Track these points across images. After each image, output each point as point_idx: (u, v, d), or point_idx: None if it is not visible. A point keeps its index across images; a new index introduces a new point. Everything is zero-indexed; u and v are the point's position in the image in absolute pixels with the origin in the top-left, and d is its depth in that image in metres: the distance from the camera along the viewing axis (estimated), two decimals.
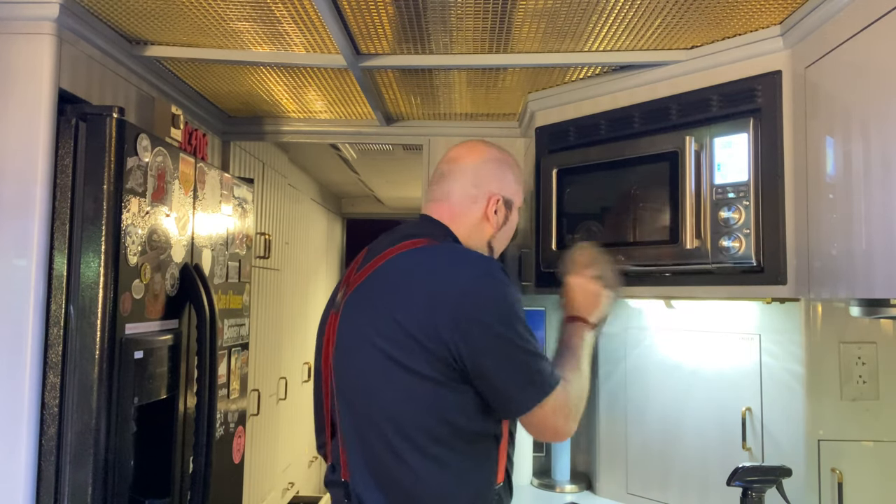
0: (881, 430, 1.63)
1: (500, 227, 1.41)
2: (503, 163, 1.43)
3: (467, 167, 1.41)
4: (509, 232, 1.45)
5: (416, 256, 1.28)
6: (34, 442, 1.48)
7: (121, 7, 1.64)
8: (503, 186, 1.41)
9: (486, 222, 1.39)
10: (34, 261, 1.50)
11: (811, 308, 1.68)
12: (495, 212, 1.39)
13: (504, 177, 1.42)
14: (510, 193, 1.42)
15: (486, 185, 1.40)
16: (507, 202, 1.41)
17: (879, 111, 1.25)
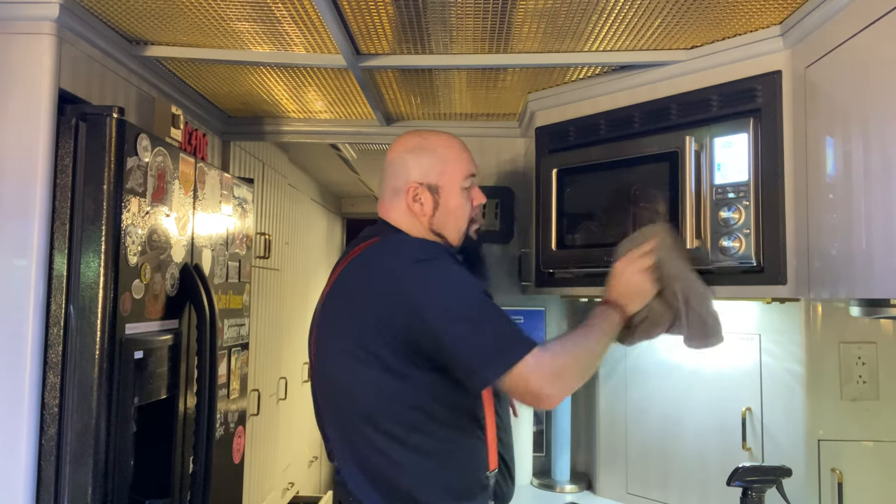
0: (881, 430, 1.63)
1: (431, 213, 1.40)
2: (420, 149, 1.42)
3: (390, 162, 1.44)
4: (456, 215, 1.42)
5: (362, 257, 1.33)
6: (34, 442, 1.48)
7: (121, 7, 1.64)
8: (423, 173, 1.39)
9: (412, 212, 1.40)
10: (34, 261, 1.50)
11: (811, 308, 1.68)
12: (415, 199, 1.38)
13: (421, 163, 1.40)
14: (433, 177, 1.39)
15: (403, 174, 1.40)
16: (430, 187, 1.39)
17: (879, 111, 1.25)
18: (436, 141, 1.43)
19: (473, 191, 1.45)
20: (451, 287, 1.23)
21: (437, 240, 1.40)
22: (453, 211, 1.41)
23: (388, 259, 1.28)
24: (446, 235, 1.42)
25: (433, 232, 1.41)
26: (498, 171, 2.63)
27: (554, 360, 1.19)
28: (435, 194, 1.39)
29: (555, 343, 1.23)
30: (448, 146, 1.43)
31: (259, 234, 3.00)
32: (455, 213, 1.42)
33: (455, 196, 1.41)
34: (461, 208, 1.42)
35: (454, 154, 1.43)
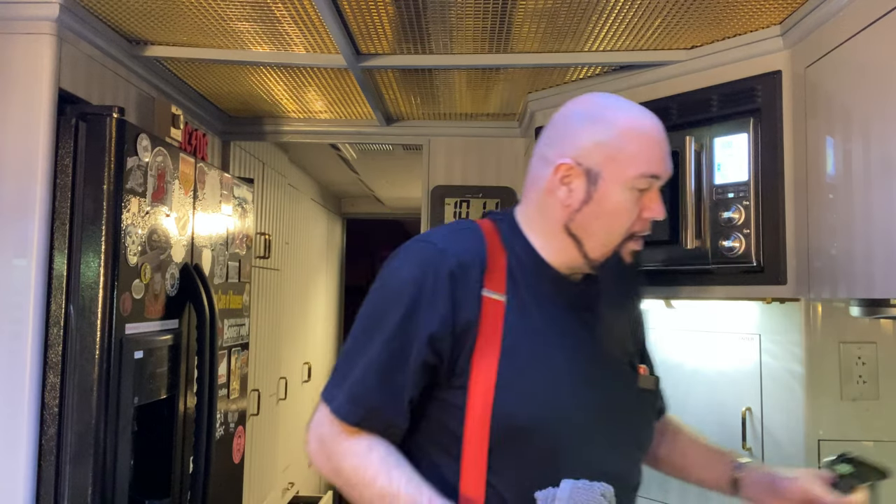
0: (881, 430, 1.63)
1: (577, 207, 1.02)
2: (596, 117, 1.03)
3: (552, 121, 1.09)
4: (611, 219, 1.03)
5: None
6: (34, 442, 1.48)
7: (121, 7, 1.64)
8: (585, 150, 1.02)
9: (553, 196, 1.04)
10: (34, 261, 1.50)
11: (811, 308, 1.68)
12: (563, 181, 1.02)
13: (589, 135, 1.02)
14: (596, 160, 1.01)
15: (559, 143, 1.05)
16: (588, 172, 1.01)
17: (879, 111, 1.25)
18: (622, 115, 1.03)
19: (648, 198, 1.04)
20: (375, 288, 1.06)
21: (568, 243, 1.05)
22: (609, 213, 1.03)
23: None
24: (585, 242, 1.04)
25: (568, 231, 1.04)
26: (498, 171, 2.63)
27: (326, 433, 1.02)
28: (591, 184, 1.01)
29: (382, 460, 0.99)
30: (635, 127, 1.03)
31: (259, 234, 3.00)
32: (611, 216, 1.03)
33: (617, 193, 1.01)
34: (622, 213, 1.03)
35: (639, 139, 1.02)
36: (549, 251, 1.07)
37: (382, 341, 0.99)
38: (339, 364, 1.05)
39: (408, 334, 0.99)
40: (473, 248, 1.04)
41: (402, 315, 0.99)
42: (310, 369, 4.17)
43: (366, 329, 1.03)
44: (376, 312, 1.02)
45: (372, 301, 1.05)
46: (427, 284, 0.99)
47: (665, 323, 2.04)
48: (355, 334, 1.04)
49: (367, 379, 1.00)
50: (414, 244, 1.06)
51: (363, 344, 1.02)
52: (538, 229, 1.07)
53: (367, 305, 1.05)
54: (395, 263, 1.05)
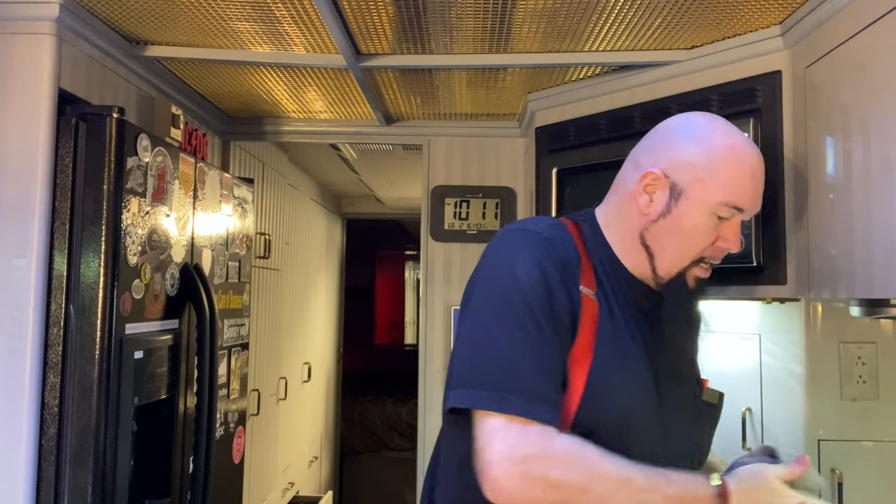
0: (881, 430, 1.63)
1: (654, 217, 1.04)
2: (695, 137, 1.05)
3: (653, 131, 1.11)
4: (685, 238, 1.04)
5: None
6: (34, 442, 1.48)
7: (121, 7, 1.64)
8: (675, 165, 1.03)
9: (632, 203, 1.06)
10: (34, 261, 1.50)
11: (811, 308, 1.68)
12: (646, 189, 1.04)
13: (682, 152, 1.03)
14: (683, 177, 1.02)
15: (652, 154, 1.06)
16: (672, 186, 1.03)
17: (879, 111, 1.25)
18: (723, 140, 1.04)
19: (727, 227, 1.05)
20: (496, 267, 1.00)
21: (640, 252, 1.07)
22: (683, 231, 1.04)
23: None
24: (656, 256, 1.06)
25: (642, 241, 1.06)
26: (498, 171, 2.63)
27: (543, 450, 0.90)
28: (673, 198, 1.03)
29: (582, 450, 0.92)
30: (732, 155, 1.04)
31: (259, 234, 3.00)
32: (685, 235, 1.04)
33: (697, 215, 1.03)
34: (697, 235, 1.04)
35: (733, 169, 1.03)
36: (624, 255, 1.08)
37: (534, 334, 0.94)
38: (487, 369, 0.94)
39: (552, 320, 0.96)
40: (570, 243, 1.04)
41: (543, 301, 0.96)
42: (310, 369, 4.17)
43: (507, 325, 0.95)
44: (511, 304, 0.95)
45: (499, 294, 0.97)
46: (549, 271, 0.97)
47: None
48: (492, 333, 0.95)
49: (539, 376, 0.93)
50: (517, 233, 1.03)
51: (511, 341, 0.94)
52: (616, 231, 1.09)
53: (493, 300, 0.98)
54: (506, 252, 1.01)
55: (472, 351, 0.97)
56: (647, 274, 1.08)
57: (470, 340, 0.98)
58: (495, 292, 0.98)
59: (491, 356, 0.95)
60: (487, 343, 0.96)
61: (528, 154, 2.42)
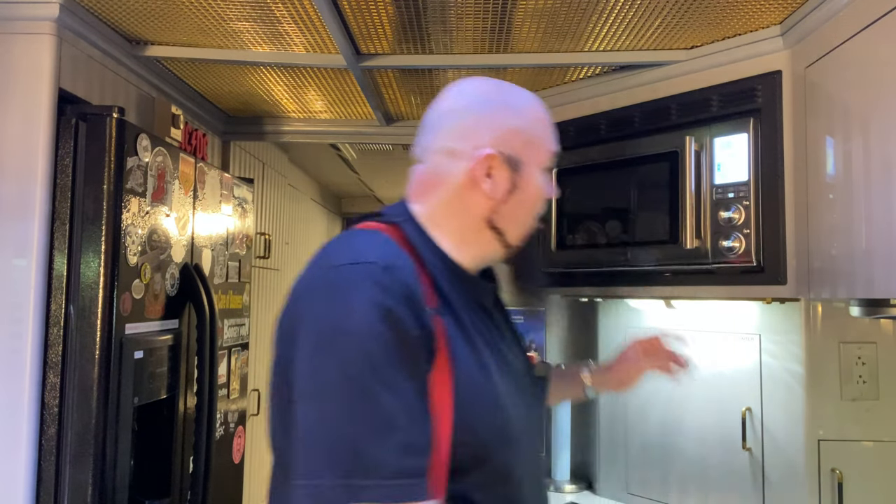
0: (881, 430, 1.63)
1: (502, 196, 0.97)
2: (501, 103, 0.99)
3: (450, 111, 1.00)
4: (531, 207, 1.01)
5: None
6: (34, 442, 1.48)
7: (121, 7, 1.64)
8: (503, 138, 0.97)
9: (474, 190, 0.97)
10: (34, 261, 1.50)
11: (811, 308, 1.68)
12: (488, 175, 0.96)
13: (503, 122, 0.98)
14: (516, 147, 0.97)
15: (468, 138, 0.97)
16: (510, 160, 0.97)
17: (879, 111, 1.25)
18: (523, 99, 1.01)
19: (548, 179, 1.04)
20: (337, 329, 0.81)
21: (488, 237, 1.00)
22: (532, 198, 1.00)
23: (310, 263, 0.93)
24: (508, 234, 1.00)
25: (490, 225, 0.99)
26: None
27: None
28: (515, 172, 0.97)
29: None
30: (537, 108, 1.02)
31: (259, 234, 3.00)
32: (532, 204, 1.01)
33: (537, 177, 1.00)
34: (541, 195, 1.02)
35: (543, 120, 1.01)
36: (461, 251, 0.99)
37: (388, 401, 0.79)
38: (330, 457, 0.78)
39: (409, 372, 0.82)
40: (407, 260, 0.91)
41: (392, 353, 0.81)
42: None
43: (348, 399, 0.79)
44: (351, 369, 0.79)
45: (334, 360, 0.81)
46: (396, 312, 0.82)
47: (665, 323, 2.04)
48: (331, 412, 0.79)
49: (412, 444, 0.79)
50: (346, 269, 0.86)
51: (358, 418, 0.78)
52: (452, 229, 0.99)
53: (327, 368, 0.81)
54: (334, 300, 0.84)
55: (312, 438, 0.80)
56: (498, 255, 1.02)
57: (306, 426, 0.81)
58: (328, 359, 0.81)
59: (335, 440, 0.78)
60: (327, 426, 0.79)
61: None
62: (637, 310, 2.11)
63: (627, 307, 2.12)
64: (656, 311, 2.07)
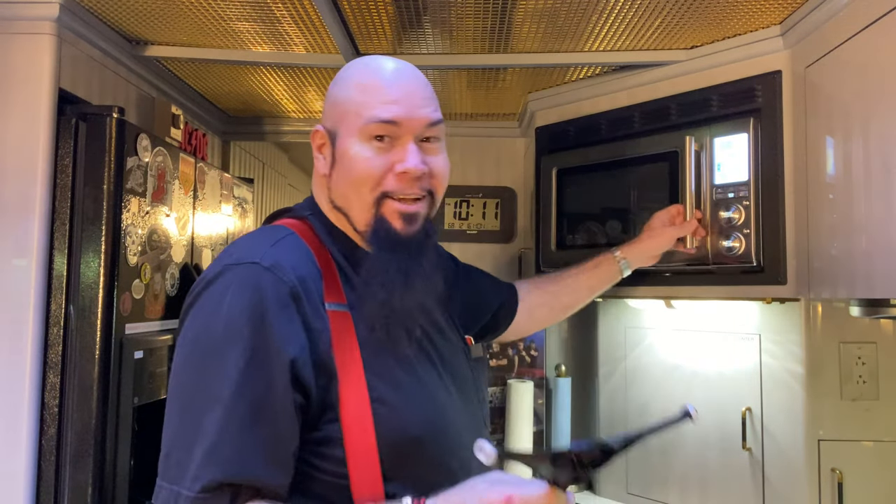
0: (881, 430, 1.63)
1: (328, 171, 0.97)
2: (338, 79, 1.01)
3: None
4: (348, 175, 0.95)
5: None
6: (34, 442, 1.48)
7: (121, 7, 1.64)
8: (328, 111, 0.99)
9: (317, 173, 1.00)
10: (34, 261, 1.50)
11: (811, 308, 1.68)
12: (318, 151, 0.99)
13: (330, 97, 1.00)
14: (336, 118, 0.97)
15: (323, 116, 1.02)
16: (330, 133, 0.97)
17: (879, 111, 1.25)
18: (355, 70, 0.99)
19: (397, 150, 0.95)
20: (198, 328, 0.84)
21: (340, 218, 0.98)
22: (349, 170, 0.94)
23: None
24: (349, 212, 0.97)
25: (334, 205, 0.98)
26: (498, 171, 2.63)
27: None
28: (332, 145, 0.96)
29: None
30: (363, 76, 0.97)
31: None
32: (351, 173, 0.94)
33: (354, 146, 0.94)
34: (360, 167, 0.93)
35: (366, 87, 0.96)
36: (350, 235, 0.97)
37: (231, 393, 0.79)
38: (173, 448, 0.83)
39: (264, 375, 0.80)
40: (303, 259, 0.90)
41: (249, 354, 0.80)
42: None
43: (201, 388, 0.80)
44: (209, 362, 0.81)
45: (196, 351, 0.82)
46: (270, 311, 0.81)
47: (665, 323, 2.04)
48: (186, 404, 0.82)
49: (225, 439, 0.78)
50: (231, 269, 0.85)
51: (203, 407, 0.80)
52: (329, 214, 0.98)
53: (188, 361, 0.83)
54: (215, 296, 0.83)
55: (172, 437, 0.85)
56: (357, 238, 0.98)
57: (171, 423, 0.84)
58: (193, 355, 0.83)
59: (184, 436, 0.82)
60: (182, 425, 0.82)
61: (528, 154, 2.42)
62: (637, 310, 2.11)
63: (627, 307, 2.12)
64: (656, 311, 2.07)
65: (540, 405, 2.42)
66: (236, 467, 0.79)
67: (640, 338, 2.10)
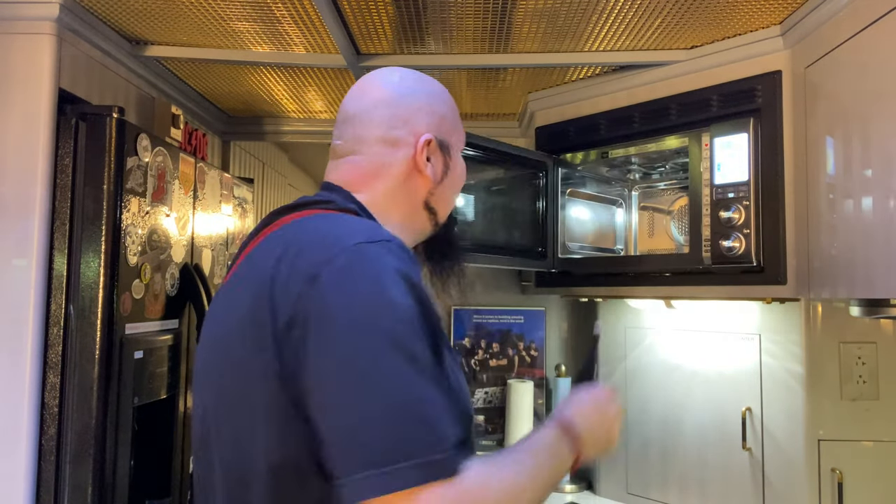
0: (881, 430, 1.63)
1: (439, 179, 1.03)
2: (428, 91, 1.05)
3: (380, 102, 1.02)
4: (457, 186, 1.09)
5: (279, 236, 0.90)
6: (34, 442, 1.48)
7: (121, 7, 1.64)
8: (435, 123, 1.03)
9: (418, 175, 1.01)
10: (34, 261, 1.50)
11: (811, 308, 1.68)
12: (428, 158, 1.01)
13: (433, 109, 1.04)
14: (445, 132, 1.05)
15: (411, 122, 1.01)
16: (442, 144, 1.03)
17: (879, 111, 1.25)
18: (441, 88, 1.08)
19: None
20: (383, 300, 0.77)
21: (424, 218, 1.05)
22: (458, 178, 1.09)
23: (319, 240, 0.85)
24: (439, 213, 1.07)
25: (427, 206, 1.04)
26: None
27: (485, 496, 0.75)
28: (446, 154, 1.05)
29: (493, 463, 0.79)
30: (445, 93, 1.09)
31: None
32: (458, 182, 1.10)
33: (460, 159, 1.09)
34: (462, 179, 1.11)
35: (453, 105, 1.10)
36: (402, 235, 0.96)
37: (428, 357, 0.77)
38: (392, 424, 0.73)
39: (436, 337, 0.80)
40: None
41: (423, 320, 0.79)
42: None
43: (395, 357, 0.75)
44: (397, 332, 0.76)
45: (375, 325, 0.76)
46: (419, 285, 0.82)
47: (665, 323, 2.04)
48: (385, 376, 0.74)
49: (441, 400, 0.76)
50: (370, 246, 0.82)
51: (410, 377, 0.75)
52: (397, 213, 1.02)
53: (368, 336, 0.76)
54: (374, 276, 0.79)
55: (372, 423, 0.73)
56: (427, 234, 1.08)
57: (362, 413, 0.74)
58: (373, 338, 0.76)
59: (404, 419, 0.73)
60: (388, 407, 0.74)
61: None
62: (637, 310, 2.11)
63: (627, 307, 2.12)
64: (656, 311, 2.07)
65: (540, 405, 2.42)
66: (459, 425, 0.77)
67: (640, 338, 2.10)
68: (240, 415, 0.83)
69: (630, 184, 2.20)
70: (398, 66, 1.09)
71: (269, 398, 0.79)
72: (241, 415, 0.82)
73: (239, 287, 0.89)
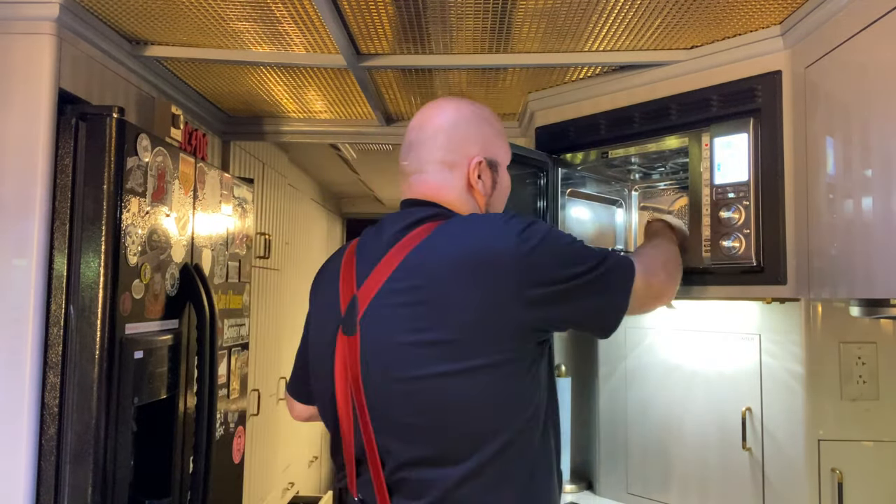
0: (881, 430, 1.63)
1: (489, 192, 1.27)
2: (478, 118, 1.28)
3: (438, 130, 1.25)
4: (504, 195, 1.32)
5: (438, 238, 1.12)
6: (34, 442, 1.48)
7: (121, 7, 1.64)
8: (484, 146, 1.26)
9: (472, 191, 1.24)
10: (34, 261, 1.50)
11: (811, 308, 1.68)
12: (479, 176, 1.24)
13: (482, 134, 1.27)
14: (493, 151, 1.27)
15: (463, 147, 1.24)
16: (491, 163, 1.26)
17: (879, 111, 1.25)
18: (487, 111, 1.32)
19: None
20: (566, 247, 1.14)
21: None
22: (506, 190, 1.32)
23: (493, 233, 1.10)
24: None
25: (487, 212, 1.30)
26: None
27: (648, 264, 1.30)
28: (494, 171, 1.27)
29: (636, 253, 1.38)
30: (497, 119, 1.34)
31: (259, 234, 3.00)
32: (505, 192, 1.32)
33: (507, 174, 1.32)
34: (509, 189, 1.33)
35: (502, 128, 1.33)
36: None
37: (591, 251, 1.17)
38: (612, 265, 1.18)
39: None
40: None
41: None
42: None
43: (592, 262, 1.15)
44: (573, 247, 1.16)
45: (579, 241, 1.18)
46: None
47: (665, 323, 2.04)
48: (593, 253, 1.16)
49: (607, 256, 1.18)
50: (542, 223, 1.18)
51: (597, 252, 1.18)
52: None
53: (577, 243, 1.17)
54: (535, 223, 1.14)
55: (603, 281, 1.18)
56: None
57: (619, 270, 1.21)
58: (578, 242, 1.17)
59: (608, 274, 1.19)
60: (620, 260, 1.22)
61: None
62: None
63: None
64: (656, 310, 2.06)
65: None
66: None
67: (640, 338, 2.10)
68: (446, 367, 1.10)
69: (630, 184, 2.19)
70: (453, 97, 1.36)
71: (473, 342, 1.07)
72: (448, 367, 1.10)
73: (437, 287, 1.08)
